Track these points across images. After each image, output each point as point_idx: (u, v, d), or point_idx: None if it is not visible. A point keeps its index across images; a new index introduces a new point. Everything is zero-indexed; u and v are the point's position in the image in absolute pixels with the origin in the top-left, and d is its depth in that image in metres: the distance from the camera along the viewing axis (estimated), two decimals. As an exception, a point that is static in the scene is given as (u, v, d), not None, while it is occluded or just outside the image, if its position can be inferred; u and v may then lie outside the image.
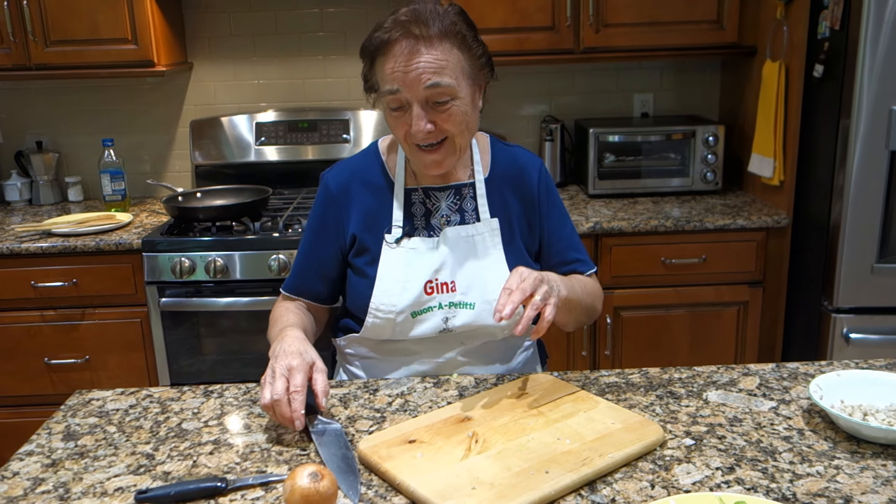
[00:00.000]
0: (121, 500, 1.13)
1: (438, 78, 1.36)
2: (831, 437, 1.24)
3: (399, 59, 1.36)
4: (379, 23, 1.40)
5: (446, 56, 1.37)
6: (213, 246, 2.57)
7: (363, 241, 1.55)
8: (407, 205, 1.55)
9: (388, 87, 1.38)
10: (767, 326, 2.73)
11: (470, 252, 1.52)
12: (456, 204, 1.56)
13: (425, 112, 1.39)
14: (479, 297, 1.51)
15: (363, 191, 1.56)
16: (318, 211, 1.60)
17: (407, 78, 1.36)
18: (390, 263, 1.51)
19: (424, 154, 1.44)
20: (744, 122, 2.96)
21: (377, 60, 1.40)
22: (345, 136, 3.14)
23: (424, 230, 1.54)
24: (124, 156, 3.12)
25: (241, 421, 1.36)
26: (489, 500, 1.06)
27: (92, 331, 2.66)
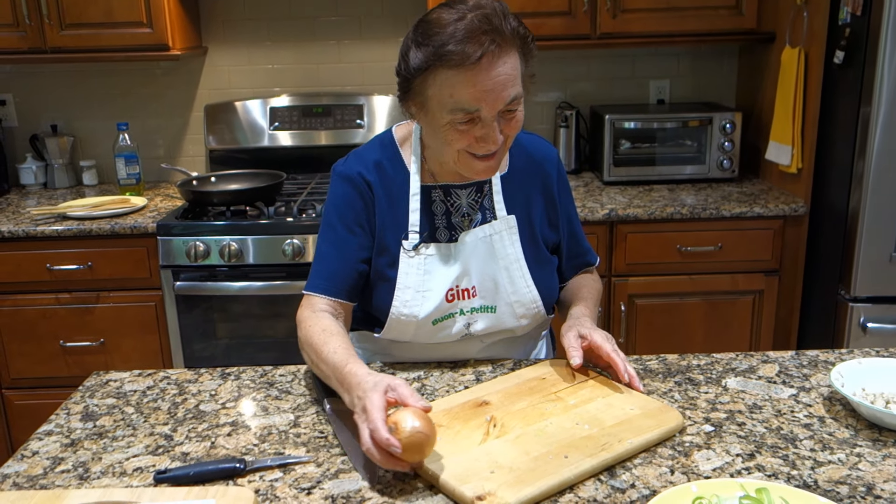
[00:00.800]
0: (140, 479, 1.14)
1: (515, 90, 1.29)
2: (853, 424, 1.23)
3: (482, 75, 1.25)
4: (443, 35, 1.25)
5: (515, 62, 1.29)
6: (227, 230, 2.57)
7: (383, 240, 1.47)
8: (426, 203, 1.47)
9: (462, 105, 1.27)
10: (783, 316, 2.71)
11: (489, 253, 1.47)
12: (477, 201, 1.50)
13: (499, 122, 1.31)
14: (499, 300, 1.48)
15: (383, 183, 1.47)
16: (342, 205, 1.46)
17: (490, 96, 1.26)
18: (409, 272, 1.44)
19: (479, 161, 1.35)
20: (761, 110, 2.94)
21: (445, 74, 1.27)
22: (359, 121, 3.13)
23: (445, 230, 1.48)
24: (139, 140, 3.12)
25: (259, 403, 1.36)
26: (508, 485, 1.06)
27: (107, 314, 2.67)
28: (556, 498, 1.06)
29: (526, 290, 1.48)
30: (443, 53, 1.25)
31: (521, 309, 1.48)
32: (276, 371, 1.48)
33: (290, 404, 1.35)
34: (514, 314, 1.48)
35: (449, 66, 1.25)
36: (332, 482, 1.11)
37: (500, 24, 1.26)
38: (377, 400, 1.11)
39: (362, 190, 1.46)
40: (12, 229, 2.59)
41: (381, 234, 1.47)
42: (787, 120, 2.61)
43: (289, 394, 1.39)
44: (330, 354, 1.29)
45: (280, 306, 2.65)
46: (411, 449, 1.07)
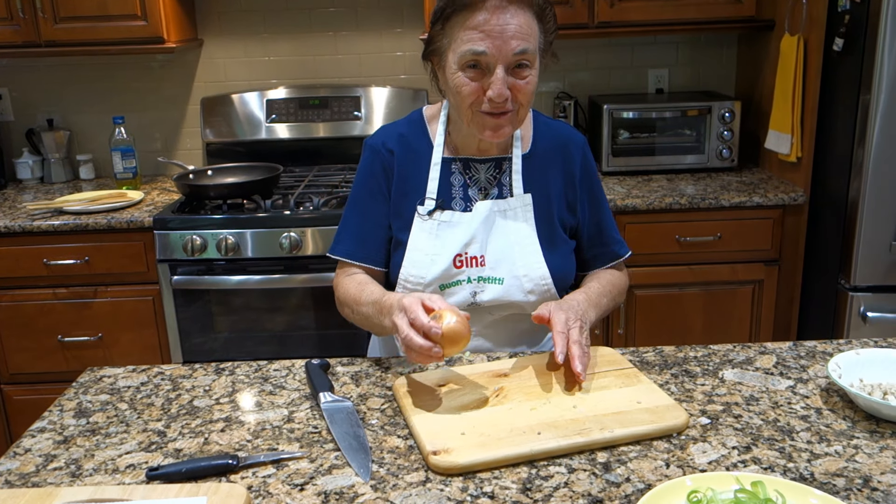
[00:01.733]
0: (132, 476, 1.13)
1: (526, 44, 1.35)
2: (850, 416, 1.22)
3: (489, 17, 1.34)
4: None
5: (530, 25, 1.36)
6: (224, 224, 2.56)
7: (398, 205, 1.55)
8: (445, 175, 1.54)
9: (470, 46, 1.35)
10: (783, 305, 2.70)
11: (501, 227, 1.51)
12: (495, 177, 1.54)
13: (506, 77, 1.37)
14: (507, 272, 1.50)
15: (405, 154, 1.55)
16: (366, 173, 1.57)
17: (496, 39, 1.34)
18: (420, 235, 1.51)
19: (489, 118, 1.41)
20: (761, 98, 2.92)
21: (456, 17, 1.37)
22: (356, 112, 3.11)
23: (461, 200, 1.53)
24: (135, 133, 3.11)
25: (253, 399, 1.35)
26: (468, 447, 1.12)
27: (104, 308, 2.66)
28: (550, 493, 1.05)
29: (536, 265, 1.50)
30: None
31: (529, 283, 1.50)
32: (270, 366, 1.48)
33: (284, 399, 1.34)
34: (522, 288, 1.50)
35: (461, 9, 1.35)
36: (325, 478, 1.11)
37: None
38: (415, 300, 1.26)
39: (384, 158, 1.55)
40: (9, 224, 2.58)
41: (397, 200, 1.54)
42: (787, 108, 2.59)
43: (283, 388, 1.38)
44: (368, 295, 1.44)
45: (278, 300, 2.64)
46: (450, 337, 1.19)
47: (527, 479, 1.08)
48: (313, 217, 2.56)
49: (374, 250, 1.56)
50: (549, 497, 1.04)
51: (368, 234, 1.56)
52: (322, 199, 2.62)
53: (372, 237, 1.56)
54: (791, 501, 0.99)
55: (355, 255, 1.56)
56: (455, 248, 1.49)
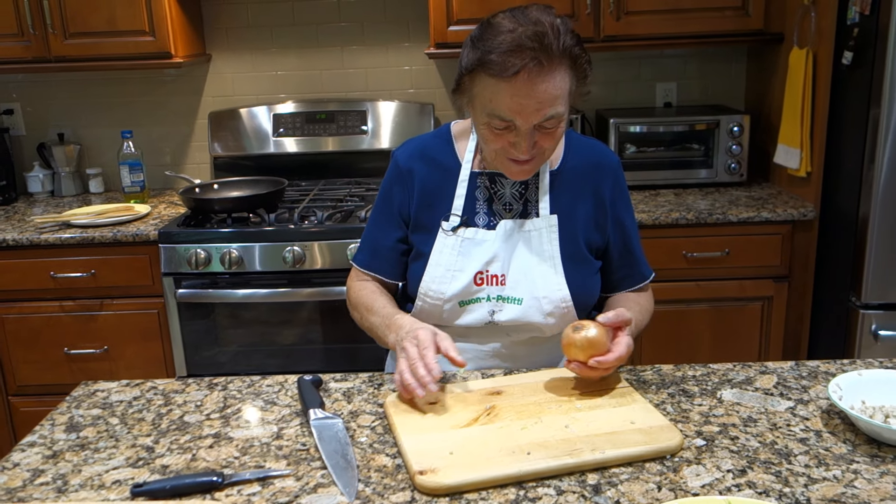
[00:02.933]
0: (118, 493, 1.12)
1: (554, 110, 1.32)
2: (850, 439, 1.19)
3: (519, 89, 1.30)
4: (492, 42, 1.30)
5: (562, 82, 1.32)
6: (228, 237, 2.56)
7: (419, 218, 1.55)
8: (470, 189, 1.53)
9: (497, 112, 1.34)
10: (793, 323, 2.66)
11: (524, 247, 1.50)
12: (521, 193, 1.53)
13: (533, 135, 1.35)
14: (527, 292, 1.49)
15: (428, 168, 1.55)
16: (386, 187, 1.60)
17: (525, 111, 1.31)
18: (443, 251, 1.51)
19: (514, 164, 1.41)
20: (770, 112, 2.89)
21: (486, 79, 1.33)
22: (363, 127, 3.11)
23: (485, 215, 1.52)
24: (144, 147, 3.12)
25: (244, 415, 1.34)
26: (456, 467, 1.11)
27: (110, 321, 2.67)
28: (537, 515, 1.03)
29: (556, 287, 1.48)
30: (486, 61, 1.31)
31: (549, 305, 1.48)
32: (263, 381, 1.46)
33: (274, 416, 1.33)
34: (541, 309, 1.48)
35: (490, 74, 1.31)
36: (310, 497, 1.09)
37: (551, 42, 1.28)
38: (429, 333, 1.32)
39: (403, 174, 1.57)
40: (17, 237, 2.59)
41: (420, 211, 1.55)
42: (796, 122, 2.56)
43: (274, 405, 1.37)
44: (380, 308, 1.50)
45: (283, 313, 2.63)
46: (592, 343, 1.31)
47: (514, 500, 1.06)
48: (317, 231, 2.55)
49: (386, 265, 1.60)
50: (537, 519, 1.02)
51: (381, 249, 1.60)
52: (326, 214, 2.62)
53: (384, 252, 1.59)
54: None
55: (370, 266, 1.61)
56: (476, 265, 1.49)
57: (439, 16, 2.73)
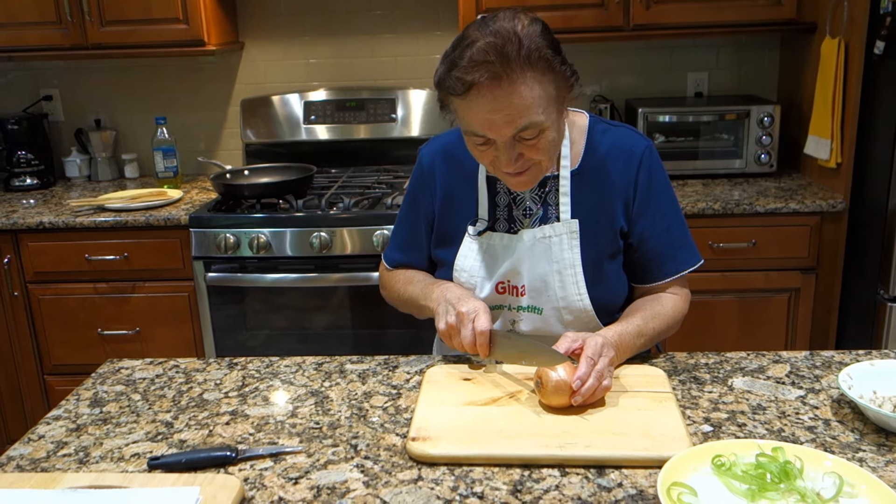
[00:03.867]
0: (135, 465, 1.16)
1: (527, 119, 1.26)
2: (859, 428, 1.19)
3: (481, 105, 1.25)
4: (453, 58, 1.26)
5: (531, 91, 1.24)
6: (257, 223, 2.61)
7: (441, 230, 1.55)
8: (491, 193, 1.50)
9: (470, 128, 1.30)
10: (820, 315, 2.63)
11: (544, 255, 1.45)
12: (540, 196, 1.48)
13: (513, 147, 1.30)
14: (547, 303, 1.46)
15: (450, 169, 1.53)
16: (412, 186, 1.60)
17: (493, 125, 1.27)
18: (468, 256, 1.50)
19: (510, 177, 1.37)
20: (801, 102, 2.84)
21: (454, 101, 1.30)
22: (392, 115, 3.14)
23: (505, 221, 1.50)
24: (178, 134, 3.19)
25: (261, 393, 1.38)
26: (446, 440, 1.15)
27: (142, 304, 2.74)
28: (539, 496, 1.05)
29: (576, 297, 1.45)
30: (443, 79, 1.28)
31: (569, 316, 1.46)
32: (281, 362, 1.50)
33: (290, 395, 1.37)
34: (562, 319, 1.47)
35: (458, 96, 1.27)
36: (319, 472, 1.12)
37: (510, 52, 1.22)
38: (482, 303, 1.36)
39: (426, 176, 1.56)
40: (53, 220, 2.67)
41: (441, 218, 1.55)
42: (827, 113, 2.53)
43: (291, 384, 1.41)
44: (418, 282, 1.54)
45: (311, 298, 2.67)
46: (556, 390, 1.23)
47: (518, 480, 1.08)
48: (344, 217, 2.59)
49: (417, 258, 1.61)
50: (538, 500, 1.04)
51: (412, 243, 1.61)
52: (354, 200, 2.65)
53: (415, 246, 1.61)
54: (809, 466, 1.05)
55: (398, 264, 1.63)
56: (498, 275, 1.48)
57: (468, 4, 2.74)
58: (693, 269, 1.53)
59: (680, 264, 1.51)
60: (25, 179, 3.14)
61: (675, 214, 1.51)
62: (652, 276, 1.51)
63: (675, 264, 1.50)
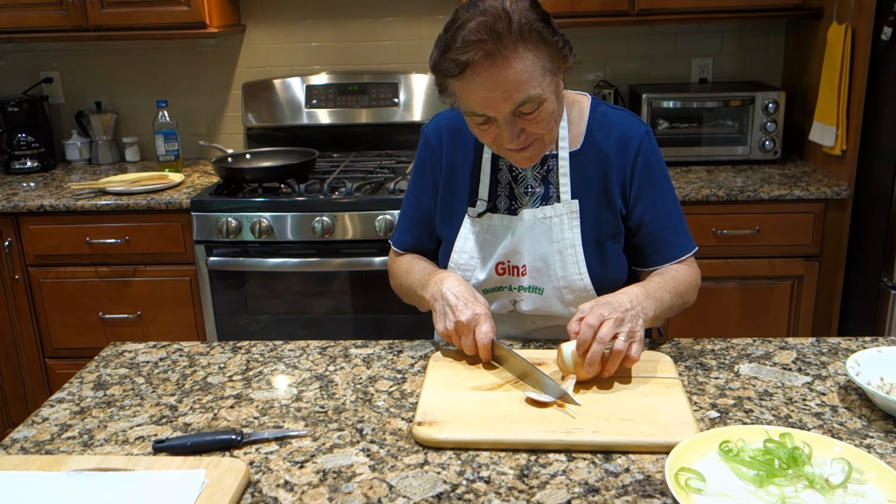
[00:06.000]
0: (140, 448, 1.16)
1: (524, 93, 1.26)
2: (866, 415, 1.18)
3: (478, 83, 1.25)
4: (446, 41, 1.26)
5: (525, 64, 1.25)
6: (258, 207, 2.60)
7: (443, 202, 1.55)
8: (493, 171, 1.50)
9: (469, 108, 1.31)
10: (823, 302, 2.62)
11: (545, 235, 1.46)
12: (542, 175, 1.49)
13: (513, 123, 1.30)
14: (548, 282, 1.47)
15: (455, 144, 1.53)
16: (418, 164, 1.59)
17: (492, 102, 1.27)
18: (469, 237, 1.50)
19: (514, 154, 1.37)
20: (807, 89, 2.83)
21: (451, 82, 1.30)
22: (394, 99, 3.12)
23: (506, 199, 1.50)
24: (179, 117, 3.17)
25: (265, 377, 1.37)
26: (453, 425, 1.15)
27: (143, 287, 2.73)
28: (546, 480, 1.04)
29: (577, 276, 1.45)
30: (438, 62, 1.28)
31: (570, 295, 1.46)
32: (285, 346, 1.50)
33: (295, 379, 1.36)
34: (563, 299, 1.47)
35: (454, 78, 1.27)
36: (325, 456, 1.12)
37: (500, 28, 1.23)
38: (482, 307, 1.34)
39: (433, 148, 1.55)
40: (54, 203, 2.66)
41: (444, 195, 1.54)
42: (832, 99, 2.51)
43: (295, 368, 1.40)
44: (422, 268, 1.53)
45: (312, 283, 2.67)
46: None
47: (525, 465, 1.08)
48: (346, 202, 2.58)
49: (425, 239, 1.61)
50: (545, 484, 1.04)
51: (420, 224, 1.60)
52: (355, 185, 2.64)
53: (424, 227, 1.60)
54: (817, 452, 1.04)
55: (407, 245, 1.63)
56: (498, 255, 1.48)
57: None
58: (689, 256, 1.53)
59: (678, 249, 1.51)
60: (26, 162, 3.12)
61: (672, 201, 1.52)
62: (651, 260, 1.51)
63: (673, 249, 1.51)
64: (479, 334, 1.32)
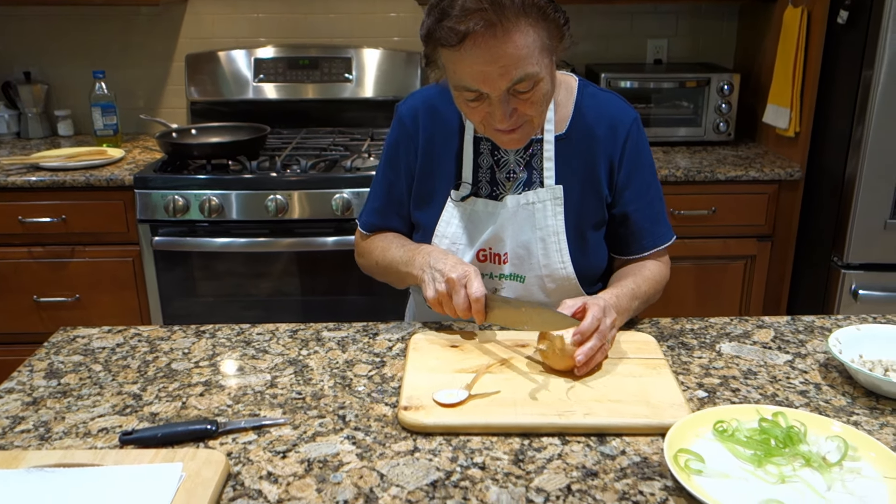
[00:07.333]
0: (105, 441, 1.08)
1: (522, 70, 1.19)
2: (849, 392, 1.19)
3: (476, 55, 1.18)
4: (442, 8, 1.19)
5: (526, 39, 1.18)
6: (207, 184, 2.48)
7: (420, 187, 1.47)
8: (475, 154, 1.43)
9: (461, 83, 1.23)
10: (774, 281, 2.67)
11: (527, 222, 1.40)
12: (525, 160, 1.43)
13: (507, 101, 1.23)
14: (529, 271, 1.42)
15: (433, 125, 1.45)
16: (390, 144, 1.50)
17: (487, 77, 1.20)
18: (451, 222, 1.44)
19: (502, 135, 1.30)
20: (760, 71, 2.86)
21: (445, 52, 1.22)
22: (347, 75, 3.03)
23: (488, 184, 1.43)
24: (117, 90, 3.01)
25: (235, 363, 1.30)
26: (441, 409, 1.11)
27: (82, 269, 2.59)
28: (543, 465, 1.01)
29: (559, 264, 1.41)
30: (434, 31, 1.21)
31: (552, 284, 1.43)
32: (253, 329, 1.42)
33: (266, 364, 1.29)
34: (544, 288, 1.43)
35: (441, 45, 1.21)
36: (308, 445, 1.06)
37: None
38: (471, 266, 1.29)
39: (408, 131, 1.47)
40: (-17, 179, 2.49)
41: (421, 179, 1.47)
42: (787, 82, 2.54)
43: (266, 353, 1.33)
44: (401, 244, 1.46)
45: (263, 264, 2.58)
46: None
47: (519, 450, 1.04)
48: (300, 180, 2.49)
49: (395, 222, 1.53)
50: (542, 469, 1.00)
51: (390, 207, 1.52)
52: (310, 163, 2.55)
53: (394, 209, 1.52)
54: (813, 430, 1.04)
55: (375, 229, 1.55)
56: (481, 242, 1.42)
57: (428, -40, 2.64)
58: (667, 245, 1.50)
59: (658, 239, 1.49)
60: (-51, 135, 2.93)
61: (656, 189, 1.49)
62: (630, 249, 1.49)
63: (653, 239, 1.48)
64: (471, 289, 1.26)
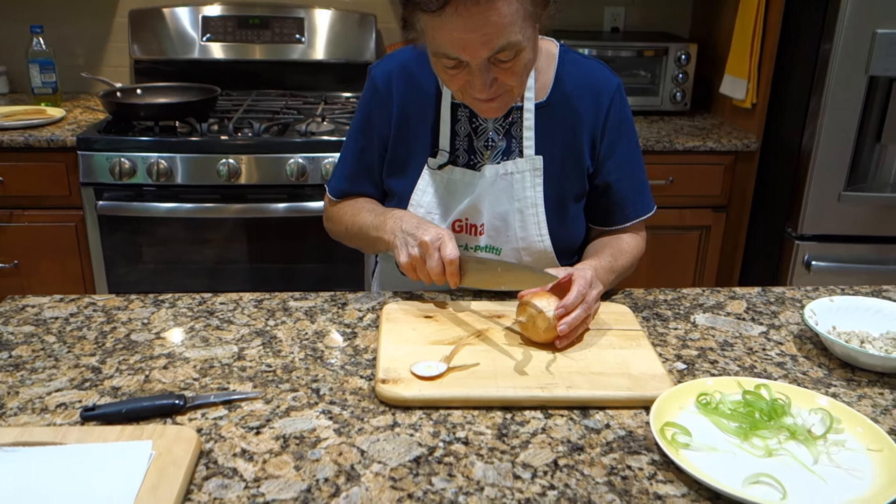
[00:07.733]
0: (64, 417, 1.01)
1: (504, 39, 1.14)
2: (825, 363, 1.20)
3: (455, 23, 1.12)
4: None
5: (510, 7, 1.13)
6: (155, 147, 2.38)
7: (394, 153, 1.42)
8: (452, 121, 1.38)
9: (441, 50, 1.17)
10: (727, 252, 2.70)
11: (505, 193, 1.36)
12: (504, 128, 1.38)
13: (487, 70, 1.18)
14: (506, 243, 1.39)
15: (408, 89, 1.39)
16: (363, 108, 1.45)
17: (468, 45, 1.14)
18: (426, 190, 1.39)
19: (481, 103, 1.25)
20: (716, 42, 2.87)
21: (424, 17, 1.16)
22: (298, 36, 2.92)
23: (465, 153, 1.38)
24: (56, 46, 2.84)
25: (198, 333, 1.24)
26: (420, 382, 1.08)
27: (22, 234, 2.46)
28: (527, 439, 0.99)
29: (537, 237, 1.38)
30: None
31: (529, 257, 1.39)
32: (216, 299, 1.36)
33: (232, 335, 1.24)
34: (521, 260, 1.40)
35: (421, 10, 1.15)
36: (283, 420, 1.01)
37: None
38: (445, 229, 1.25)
39: (381, 96, 1.41)
40: (-89, 138, 2.33)
41: (395, 146, 1.42)
42: (745, 53, 2.55)
43: (231, 323, 1.27)
44: (367, 212, 1.40)
45: (211, 230, 2.49)
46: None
47: (502, 424, 1.02)
48: (252, 144, 2.40)
49: (367, 188, 1.48)
50: (527, 444, 0.98)
51: (361, 173, 1.47)
52: (262, 126, 2.46)
53: (365, 175, 1.47)
54: (797, 403, 1.04)
55: (345, 195, 1.50)
56: (457, 212, 1.38)
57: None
58: (649, 216, 1.50)
59: (640, 209, 1.48)
60: None
61: (638, 158, 1.46)
62: (613, 219, 1.47)
63: (635, 209, 1.47)
64: (445, 251, 1.21)
